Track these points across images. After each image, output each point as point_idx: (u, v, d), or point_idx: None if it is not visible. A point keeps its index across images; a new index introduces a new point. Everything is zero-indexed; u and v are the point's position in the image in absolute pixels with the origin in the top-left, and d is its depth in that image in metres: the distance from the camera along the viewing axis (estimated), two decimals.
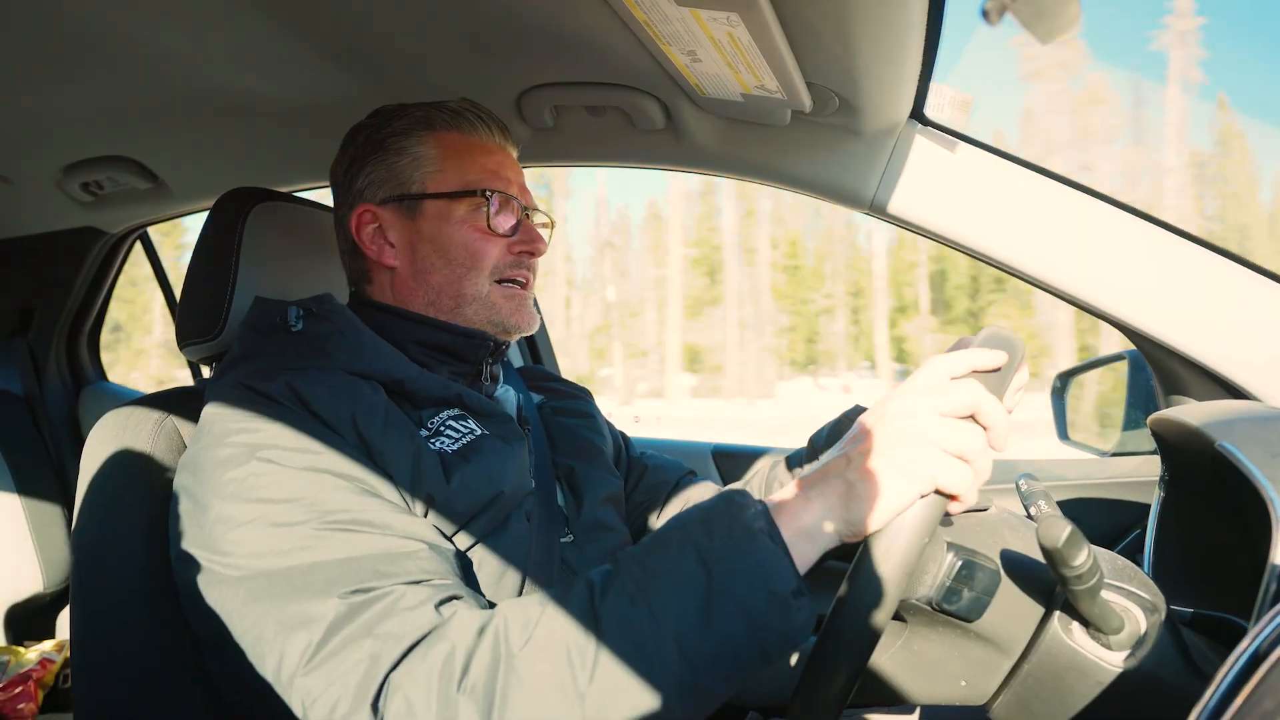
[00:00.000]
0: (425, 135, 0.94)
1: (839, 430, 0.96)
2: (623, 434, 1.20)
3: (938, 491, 0.59)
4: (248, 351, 0.86)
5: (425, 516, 0.77)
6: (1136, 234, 1.04)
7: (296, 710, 0.63)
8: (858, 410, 0.96)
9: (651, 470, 1.15)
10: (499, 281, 0.94)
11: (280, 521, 0.68)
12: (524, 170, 1.01)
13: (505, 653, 0.59)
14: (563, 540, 0.90)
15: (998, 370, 0.63)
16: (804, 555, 0.60)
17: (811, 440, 1.04)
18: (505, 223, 0.94)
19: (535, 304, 1.07)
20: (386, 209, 0.94)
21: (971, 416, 0.61)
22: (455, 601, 0.67)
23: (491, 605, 0.68)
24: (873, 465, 0.60)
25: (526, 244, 0.95)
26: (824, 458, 0.65)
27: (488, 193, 0.92)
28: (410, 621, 0.63)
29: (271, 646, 0.64)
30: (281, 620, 0.64)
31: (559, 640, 0.59)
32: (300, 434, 0.73)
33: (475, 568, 0.79)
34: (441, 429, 0.84)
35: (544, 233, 0.99)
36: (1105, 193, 1.06)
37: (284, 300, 0.89)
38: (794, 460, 1.06)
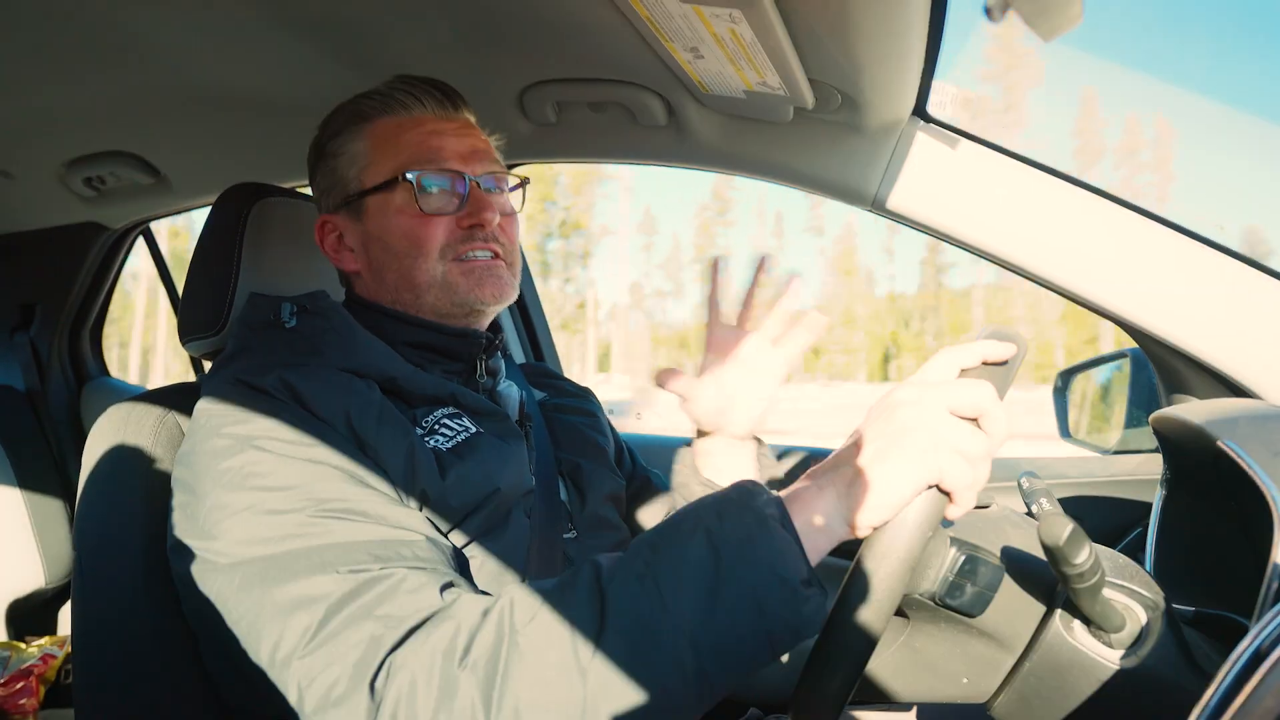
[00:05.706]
0: (357, 130, 0.92)
1: None
2: (625, 442, 1.19)
3: (940, 488, 0.59)
4: (241, 347, 0.86)
5: (420, 512, 0.76)
6: (1139, 231, 1.04)
7: (292, 695, 0.62)
8: None
9: (648, 482, 1.13)
10: (456, 260, 0.89)
11: (275, 509, 0.67)
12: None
13: (509, 630, 0.59)
14: (566, 536, 0.89)
15: (1004, 364, 0.63)
16: (816, 544, 0.60)
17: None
18: (443, 200, 0.89)
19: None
20: (339, 215, 0.93)
21: (975, 419, 0.60)
22: (456, 588, 0.66)
23: None
24: (882, 453, 0.60)
25: (472, 216, 0.88)
26: (836, 449, 0.65)
27: (408, 175, 0.87)
28: (412, 604, 0.62)
29: (268, 631, 0.64)
30: (279, 604, 0.64)
31: (563, 618, 0.58)
32: (295, 426, 0.73)
33: (476, 564, 0.79)
34: (436, 427, 0.84)
35: (509, 198, 0.94)
36: (1107, 190, 1.06)
37: (278, 297, 0.89)
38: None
